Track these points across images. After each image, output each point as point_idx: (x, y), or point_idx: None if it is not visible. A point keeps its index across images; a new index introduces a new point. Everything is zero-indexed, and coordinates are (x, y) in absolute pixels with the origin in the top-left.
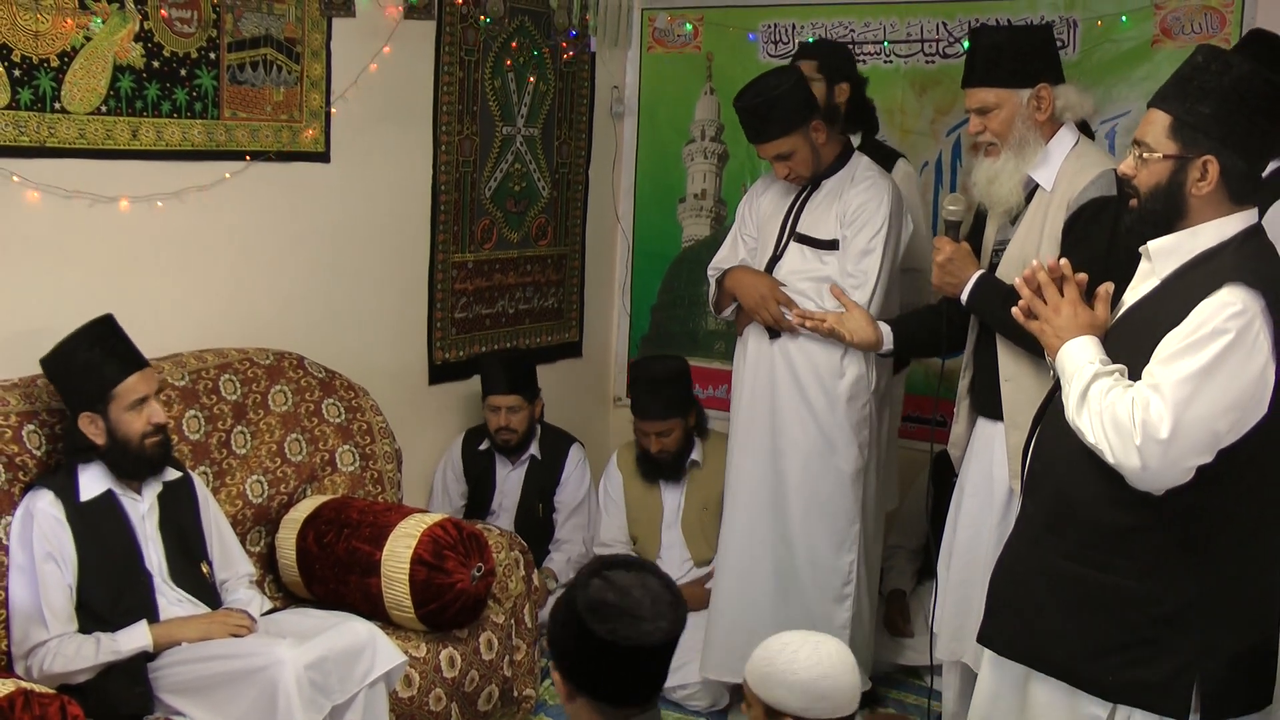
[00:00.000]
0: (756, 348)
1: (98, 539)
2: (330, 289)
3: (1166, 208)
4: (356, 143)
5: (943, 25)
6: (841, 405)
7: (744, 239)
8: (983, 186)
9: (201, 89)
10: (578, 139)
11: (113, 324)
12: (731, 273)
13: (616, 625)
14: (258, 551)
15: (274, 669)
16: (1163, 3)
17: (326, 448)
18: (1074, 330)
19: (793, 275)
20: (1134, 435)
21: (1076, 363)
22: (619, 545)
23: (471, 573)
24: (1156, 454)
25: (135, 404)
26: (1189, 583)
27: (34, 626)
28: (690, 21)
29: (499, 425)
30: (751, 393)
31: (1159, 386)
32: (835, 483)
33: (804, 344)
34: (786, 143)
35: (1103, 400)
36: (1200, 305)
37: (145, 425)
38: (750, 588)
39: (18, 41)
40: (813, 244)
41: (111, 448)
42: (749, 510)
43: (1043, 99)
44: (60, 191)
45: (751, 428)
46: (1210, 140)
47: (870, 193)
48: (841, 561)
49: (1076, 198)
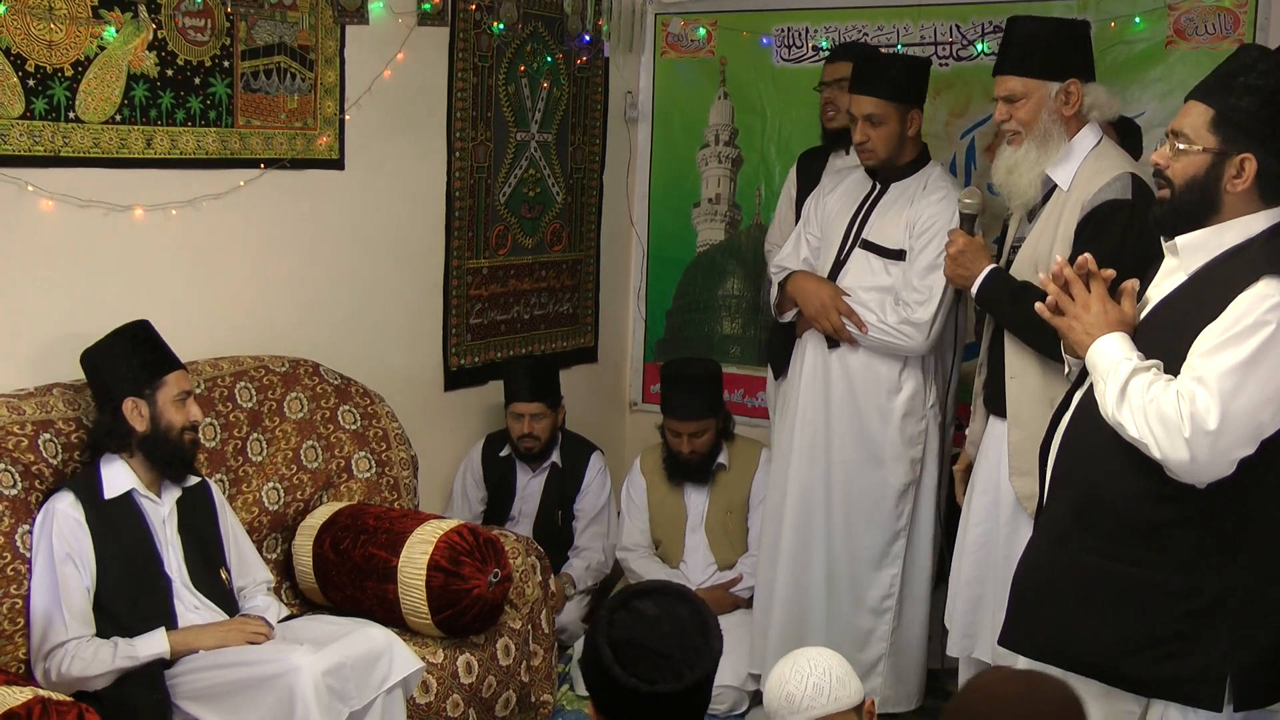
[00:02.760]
0: (814, 355)
1: (117, 541)
2: (345, 296)
3: (1201, 201)
4: (371, 150)
5: (956, 28)
6: (895, 420)
7: (808, 238)
8: (1001, 175)
9: (215, 97)
10: (592, 144)
11: (152, 327)
12: (794, 278)
13: (643, 669)
14: (274, 559)
15: (291, 675)
16: (1176, 4)
17: (342, 454)
18: (1104, 327)
19: (857, 283)
20: (1183, 428)
21: (1111, 359)
22: (640, 549)
23: (488, 578)
24: (1205, 446)
25: (180, 396)
26: (1223, 575)
27: (53, 627)
28: (704, 26)
29: (522, 432)
30: (807, 400)
31: (1203, 379)
32: (883, 497)
33: (863, 355)
34: (885, 108)
35: (1145, 395)
36: (1239, 298)
37: (186, 420)
38: (804, 597)
39: (32, 51)
40: (879, 252)
41: (152, 434)
42: (801, 520)
43: (1071, 94)
44: (75, 201)
45: (805, 435)
46: (1250, 138)
47: (943, 205)
48: (883, 575)
49: (1091, 199)
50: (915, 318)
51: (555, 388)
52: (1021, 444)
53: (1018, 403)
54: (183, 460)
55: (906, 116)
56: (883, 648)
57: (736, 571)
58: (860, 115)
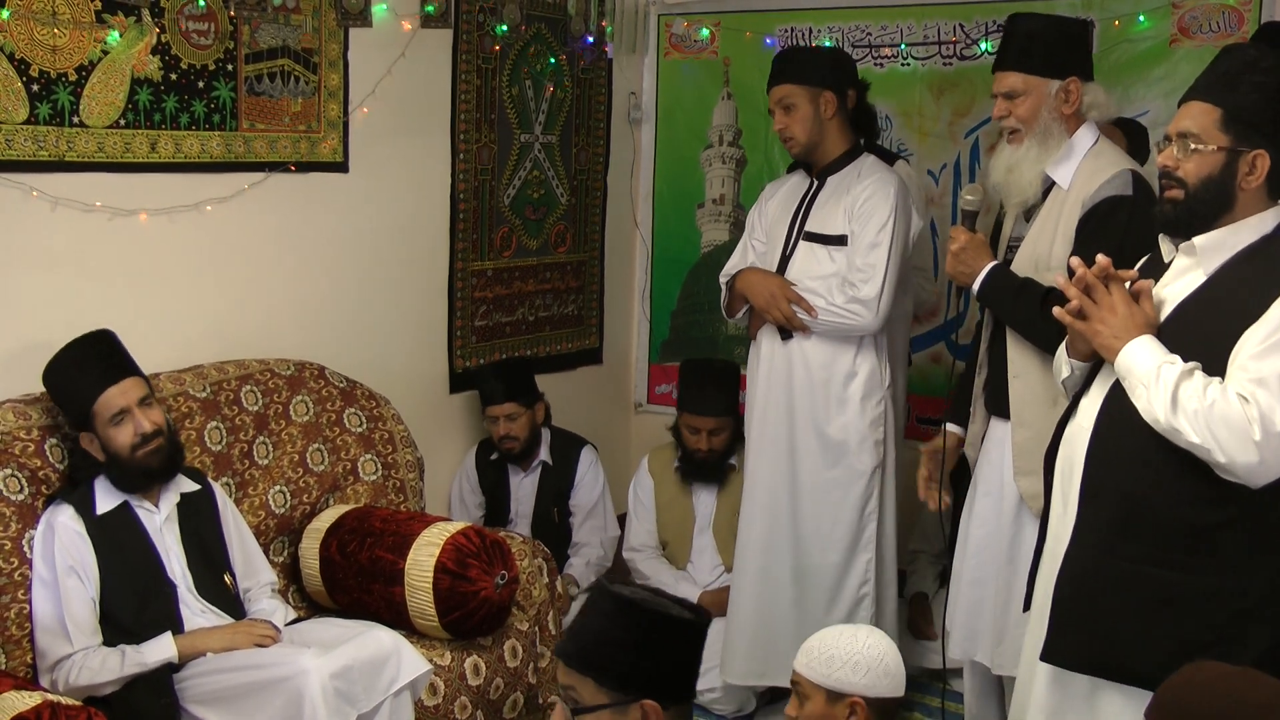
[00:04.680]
0: (770, 349)
1: (118, 551)
2: (350, 299)
3: (1217, 199)
4: (375, 152)
5: (960, 27)
6: (855, 404)
7: (753, 245)
8: (1000, 174)
9: (219, 101)
10: (595, 145)
11: (96, 338)
12: (742, 274)
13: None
14: (281, 561)
15: (299, 679)
16: (1180, 2)
17: (348, 457)
18: (1132, 330)
19: (803, 274)
20: (1252, 431)
21: (1147, 365)
22: (648, 550)
23: (495, 580)
24: (1276, 447)
25: (116, 418)
26: (1267, 575)
27: (58, 640)
28: (707, 27)
29: (501, 435)
30: (766, 395)
31: (1264, 380)
32: (850, 482)
33: (817, 343)
34: (795, 93)
35: (1201, 399)
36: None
37: (132, 437)
38: (770, 592)
39: (36, 56)
40: (822, 240)
41: (110, 462)
42: (767, 513)
43: (1071, 92)
44: (79, 205)
45: (766, 430)
46: (1262, 135)
47: (876, 186)
48: (857, 561)
49: (1091, 196)
50: (862, 295)
51: (528, 386)
52: (1026, 444)
53: (1021, 402)
54: (148, 476)
55: (818, 99)
56: None
57: None
58: (774, 103)
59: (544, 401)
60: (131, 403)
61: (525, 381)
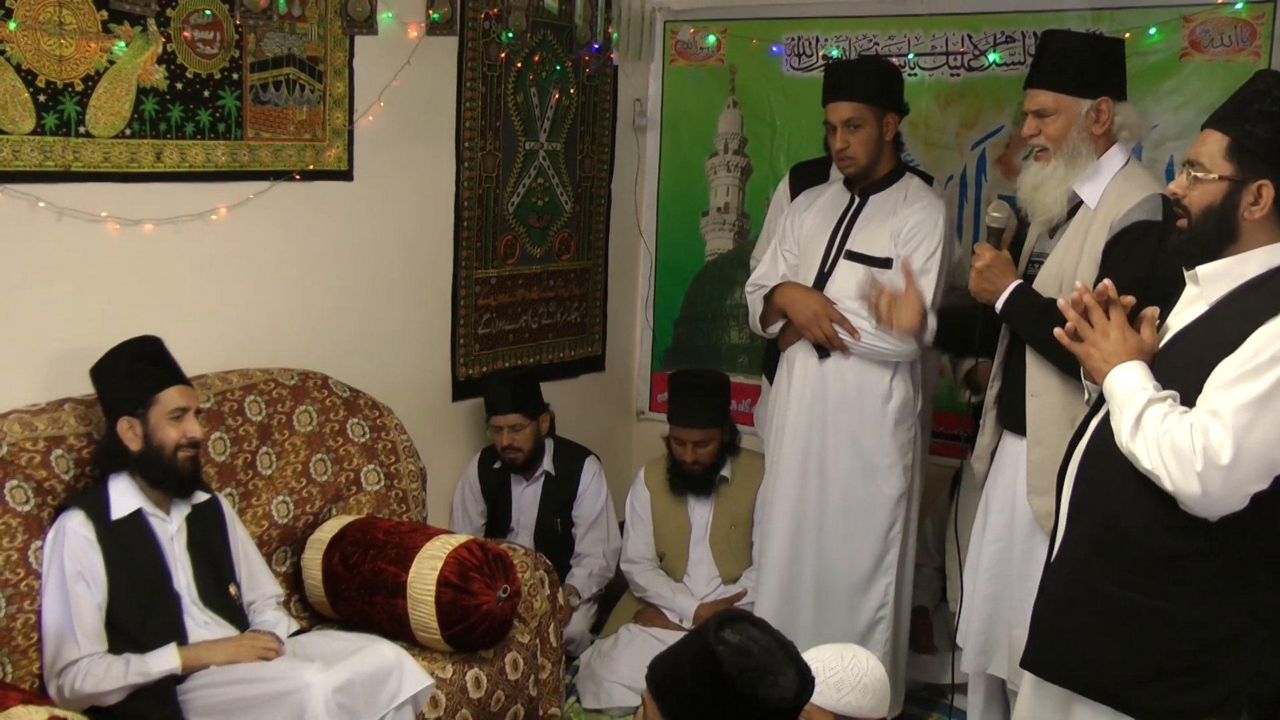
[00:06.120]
0: (804, 366)
1: (127, 559)
2: (354, 307)
3: (1218, 229)
4: (379, 160)
5: (968, 38)
6: (889, 428)
7: (785, 254)
8: (1027, 191)
9: (225, 110)
10: (600, 153)
11: (160, 343)
12: (782, 289)
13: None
14: (283, 571)
15: (302, 692)
16: (1192, 15)
17: (351, 467)
18: (1122, 355)
19: (842, 292)
20: (1195, 461)
21: (1127, 389)
22: (645, 562)
23: (497, 594)
24: (1218, 480)
25: (174, 414)
26: (1240, 609)
27: (65, 645)
28: (713, 34)
29: (504, 445)
30: (798, 412)
31: (1218, 413)
32: (877, 506)
33: (855, 364)
34: (864, 113)
35: (1159, 426)
36: (1257, 332)
37: (180, 437)
38: (792, 608)
39: (42, 67)
40: (866, 261)
41: (145, 454)
42: (792, 531)
43: (1102, 112)
44: (85, 215)
45: (796, 447)
46: (1267, 165)
47: (926, 213)
48: (878, 585)
49: (1120, 219)
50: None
51: (533, 398)
52: (1041, 463)
53: (1038, 421)
54: (177, 479)
55: (883, 120)
56: (878, 654)
57: (741, 585)
58: (838, 121)
59: (549, 413)
60: (190, 406)
61: (531, 393)
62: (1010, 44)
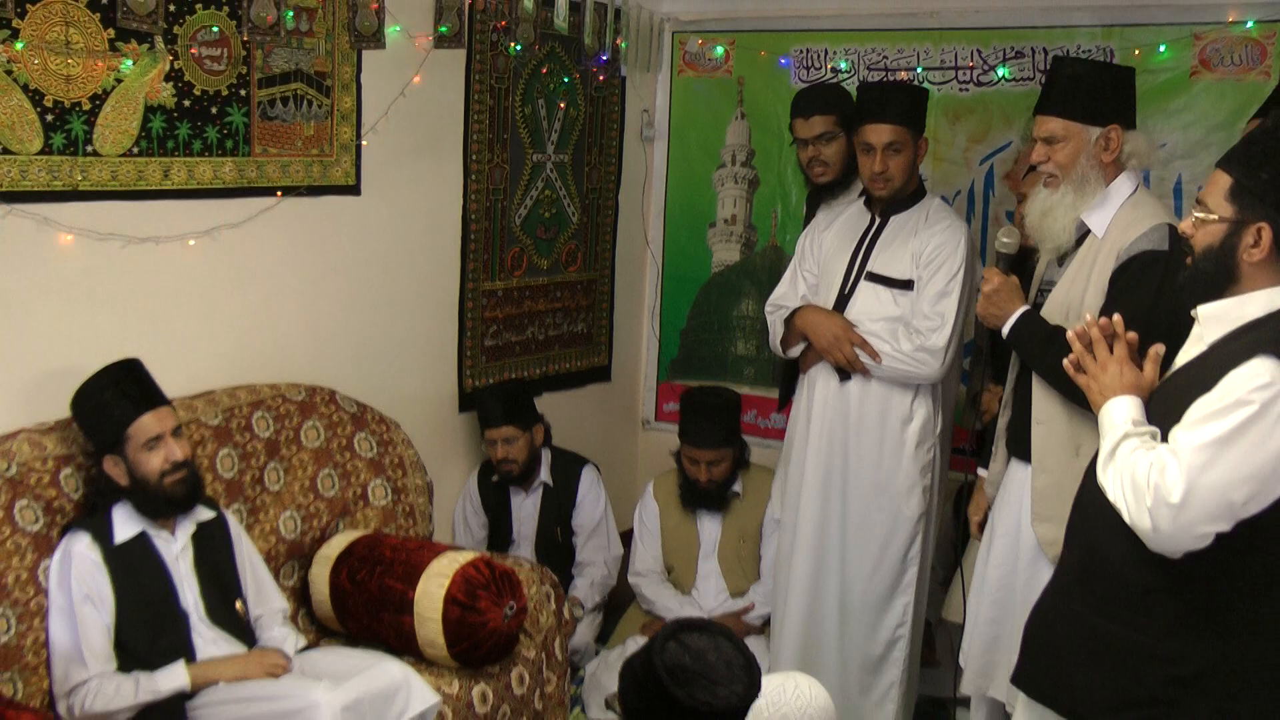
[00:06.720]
0: (825, 388)
1: (134, 580)
2: (361, 321)
3: (1218, 270)
4: (387, 174)
5: (977, 53)
6: (909, 450)
7: (804, 275)
8: (1035, 218)
9: (232, 126)
10: (608, 164)
11: (129, 366)
12: (803, 312)
13: (694, 690)
14: (291, 586)
15: (311, 711)
16: (1202, 33)
17: (359, 482)
18: (1118, 389)
19: (863, 314)
20: (1146, 497)
21: (1113, 421)
22: (653, 575)
23: (504, 611)
24: (1167, 518)
25: (150, 443)
26: (1208, 647)
27: (74, 666)
28: (722, 45)
29: (499, 457)
30: (819, 434)
31: (1178, 451)
32: (898, 527)
33: (876, 386)
34: (905, 136)
35: (1127, 460)
36: (1230, 374)
37: (163, 464)
38: (817, 628)
39: (49, 86)
40: (887, 283)
41: (134, 488)
42: (815, 551)
43: (1111, 140)
44: (93, 234)
45: (818, 468)
46: (1266, 207)
47: (948, 234)
48: (897, 604)
49: (1127, 248)
50: (930, 344)
51: (526, 410)
52: (1045, 490)
53: (1043, 449)
54: (172, 504)
55: (918, 143)
56: (896, 674)
57: (748, 599)
58: (880, 144)
59: (543, 423)
60: (166, 430)
61: (523, 404)
62: (1020, 59)
